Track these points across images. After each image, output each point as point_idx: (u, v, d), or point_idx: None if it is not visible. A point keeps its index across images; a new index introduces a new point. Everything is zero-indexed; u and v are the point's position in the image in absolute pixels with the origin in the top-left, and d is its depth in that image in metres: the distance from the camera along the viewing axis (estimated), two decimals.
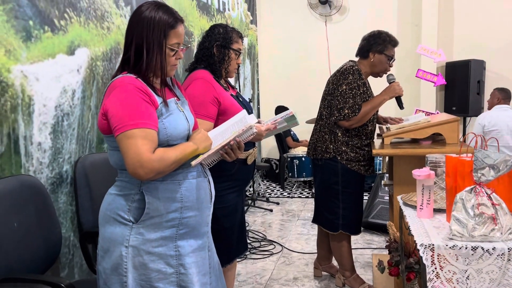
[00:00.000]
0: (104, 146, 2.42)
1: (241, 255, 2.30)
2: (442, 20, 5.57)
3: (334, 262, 2.97)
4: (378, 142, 2.68)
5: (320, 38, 6.01)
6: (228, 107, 2.01)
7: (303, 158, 5.31)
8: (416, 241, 1.41)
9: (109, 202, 1.48)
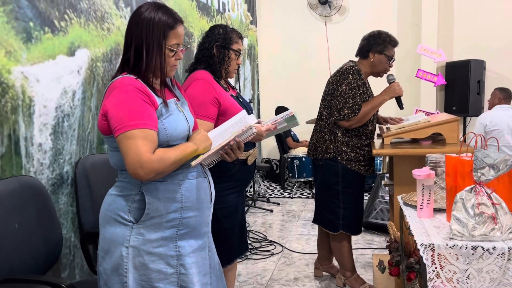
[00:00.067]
0: (104, 147, 2.43)
1: (241, 256, 2.31)
2: (442, 20, 5.57)
3: (335, 262, 2.97)
4: (378, 142, 2.68)
5: (320, 38, 6.02)
6: (228, 108, 2.01)
7: (304, 159, 5.32)
8: (416, 241, 1.41)
9: (109, 202, 1.48)
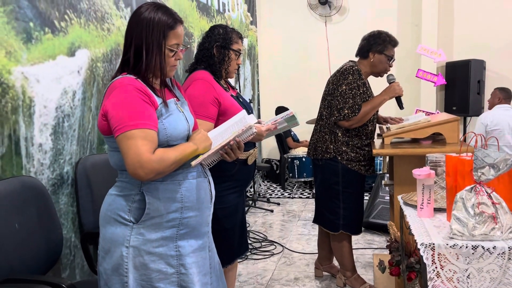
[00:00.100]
0: (104, 147, 2.43)
1: (242, 256, 2.31)
2: (442, 20, 5.57)
3: (335, 262, 2.97)
4: (378, 142, 2.68)
5: (320, 38, 6.02)
6: (228, 108, 2.01)
7: (304, 159, 5.32)
8: (416, 240, 1.41)
9: (109, 202, 1.48)
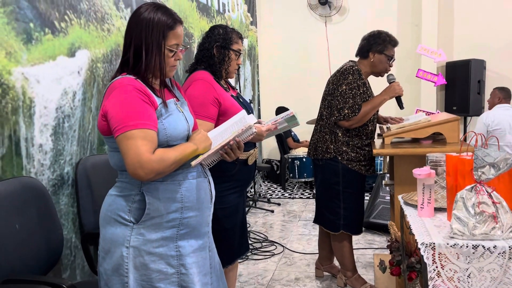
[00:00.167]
0: (105, 147, 2.43)
1: (242, 256, 2.31)
2: (442, 20, 5.56)
3: (336, 262, 2.97)
4: (379, 142, 2.68)
5: (320, 38, 6.02)
6: (228, 108, 2.01)
7: (304, 159, 5.32)
8: (417, 240, 1.41)
9: (109, 203, 1.48)
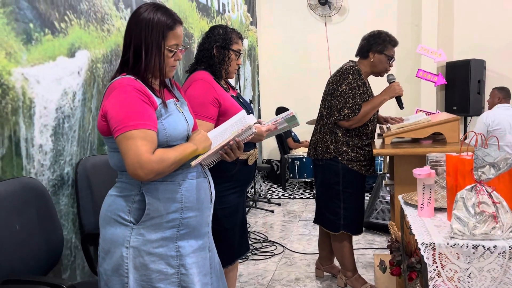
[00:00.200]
0: (105, 148, 2.43)
1: (242, 256, 2.30)
2: (442, 20, 5.56)
3: (336, 262, 2.97)
4: (379, 142, 2.68)
5: (320, 39, 6.02)
6: (228, 108, 2.01)
7: (304, 159, 5.32)
8: (417, 240, 1.41)
9: (109, 203, 1.48)
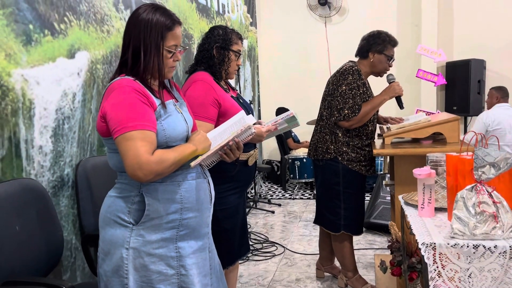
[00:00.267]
0: (105, 149, 2.42)
1: (243, 257, 2.30)
2: (442, 20, 5.56)
3: (337, 263, 2.97)
4: (379, 142, 2.68)
5: (320, 39, 6.02)
6: (228, 109, 2.01)
7: (304, 160, 5.32)
8: (417, 240, 1.41)
9: (109, 204, 1.48)
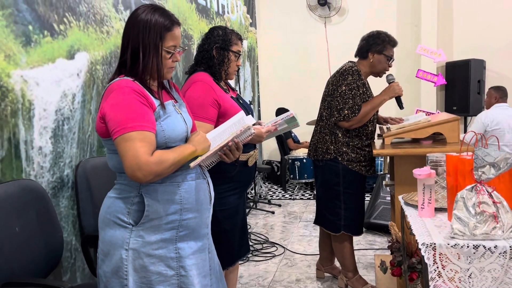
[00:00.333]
0: (104, 149, 2.42)
1: (243, 258, 2.30)
2: (441, 20, 5.57)
3: (337, 263, 2.97)
4: (379, 143, 2.68)
5: (319, 39, 6.02)
6: (228, 109, 2.01)
7: (304, 160, 5.32)
8: (417, 240, 1.41)
9: (108, 205, 1.48)
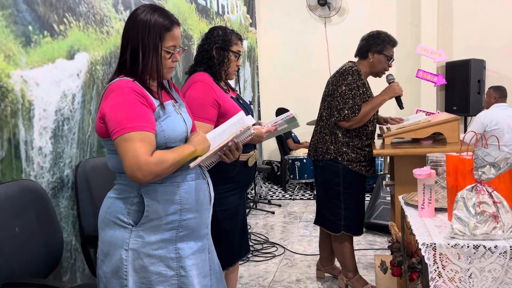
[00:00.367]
0: (104, 150, 2.42)
1: (243, 258, 2.30)
2: (441, 20, 5.57)
3: (337, 263, 2.97)
4: (379, 143, 2.68)
5: (319, 39, 6.02)
6: (228, 110, 2.01)
7: (305, 160, 5.32)
8: (418, 240, 1.41)
9: (108, 205, 1.48)
